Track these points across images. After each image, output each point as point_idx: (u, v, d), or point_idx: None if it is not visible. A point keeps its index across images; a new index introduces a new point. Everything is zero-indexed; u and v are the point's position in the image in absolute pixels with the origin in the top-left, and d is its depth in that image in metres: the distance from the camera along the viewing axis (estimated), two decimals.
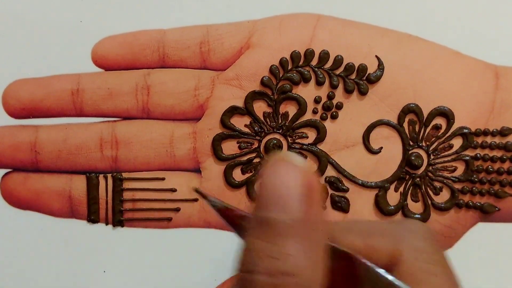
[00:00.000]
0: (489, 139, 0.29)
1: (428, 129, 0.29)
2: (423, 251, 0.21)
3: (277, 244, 0.19)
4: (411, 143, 0.30)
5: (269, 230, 0.19)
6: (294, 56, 0.29)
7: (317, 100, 0.30)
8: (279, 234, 0.19)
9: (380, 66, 0.29)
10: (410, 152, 0.30)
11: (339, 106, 0.30)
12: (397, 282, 0.20)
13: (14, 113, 0.29)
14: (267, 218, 0.19)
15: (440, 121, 0.29)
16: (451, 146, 0.29)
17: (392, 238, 0.22)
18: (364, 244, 0.22)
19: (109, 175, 0.30)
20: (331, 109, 0.30)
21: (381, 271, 0.21)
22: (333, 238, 0.21)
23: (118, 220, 0.30)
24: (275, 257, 0.19)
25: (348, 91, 0.29)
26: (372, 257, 0.21)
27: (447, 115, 0.29)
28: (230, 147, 0.30)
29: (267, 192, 0.19)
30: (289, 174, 0.19)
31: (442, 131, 0.29)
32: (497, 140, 0.29)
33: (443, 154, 0.30)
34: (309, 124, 0.30)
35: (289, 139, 0.30)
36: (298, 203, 0.19)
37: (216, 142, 0.30)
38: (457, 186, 0.30)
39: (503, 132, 0.29)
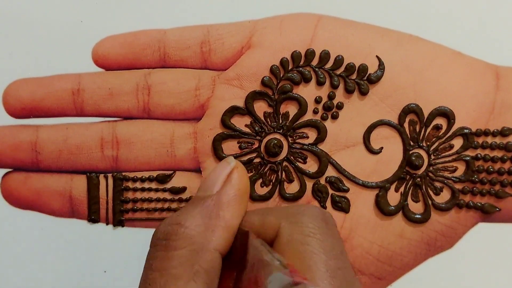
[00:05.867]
0: (489, 140, 0.29)
1: (428, 129, 0.29)
2: (301, 225, 0.24)
3: (185, 207, 0.25)
4: (411, 143, 0.30)
5: (189, 201, 0.27)
6: (295, 56, 0.29)
7: (317, 100, 0.30)
8: (191, 202, 0.26)
9: (381, 66, 0.29)
10: (410, 152, 0.30)
11: (340, 106, 0.30)
12: (265, 251, 0.23)
13: (15, 113, 0.29)
14: (194, 195, 0.27)
15: (440, 121, 0.29)
16: (451, 146, 0.29)
17: (280, 216, 0.25)
18: (260, 222, 0.25)
19: (109, 175, 0.30)
20: (331, 109, 0.30)
21: (257, 242, 0.23)
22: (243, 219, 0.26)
23: (118, 220, 0.30)
24: (177, 214, 0.25)
25: (348, 91, 0.29)
26: (264, 233, 0.25)
27: (448, 115, 0.29)
28: (230, 147, 0.30)
29: (204, 180, 0.26)
30: (219, 168, 0.27)
31: (442, 131, 0.29)
32: (497, 140, 0.29)
33: (443, 154, 0.30)
34: (310, 124, 0.30)
35: (289, 139, 0.30)
36: (217, 185, 0.26)
37: (217, 142, 0.30)
38: (458, 186, 0.30)
39: (503, 133, 0.29)
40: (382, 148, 0.30)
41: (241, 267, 0.24)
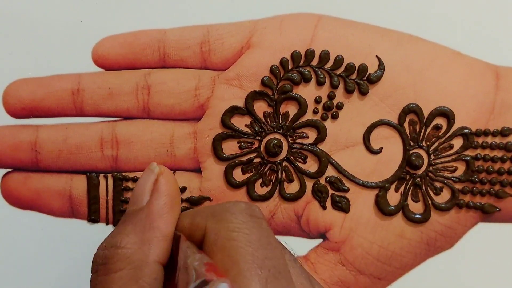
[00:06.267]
0: (489, 140, 0.29)
1: (428, 129, 0.30)
2: (226, 221, 0.23)
3: (118, 227, 0.25)
4: (411, 143, 0.30)
5: (121, 219, 0.26)
6: (295, 56, 0.29)
7: (317, 100, 0.30)
8: (123, 220, 0.25)
9: (381, 66, 0.29)
10: (410, 152, 0.30)
11: (340, 106, 0.30)
12: (189, 254, 0.22)
13: (15, 113, 0.29)
14: (126, 211, 0.26)
15: (440, 121, 0.29)
16: (451, 146, 0.29)
17: (206, 216, 0.24)
18: (189, 224, 0.24)
19: (109, 175, 0.30)
20: (331, 109, 0.30)
21: (185, 245, 0.23)
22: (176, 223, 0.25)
23: (118, 220, 0.30)
24: (112, 236, 0.25)
25: (348, 91, 0.29)
26: (194, 235, 0.24)
27: (448, 115, 0.29)
28: (230, 147, 0.30)
29: (132, 192, 0.26)
30: (144, 177, 0.26)
31: (442, 131, 0.29)
32: (497, 140, 0.29)
33: (443, 154, 0.30)
34: (310, 124, 0.30)
35: (289, 139, 0.30)
36: (146, 196, 0.25)
37: (217, 142, 0.30)
38: (458, 186, 0.30)
39: (503, 133, 0.29)
40: (382, 148, 0.30)
41: (175, 272, 0.23)
